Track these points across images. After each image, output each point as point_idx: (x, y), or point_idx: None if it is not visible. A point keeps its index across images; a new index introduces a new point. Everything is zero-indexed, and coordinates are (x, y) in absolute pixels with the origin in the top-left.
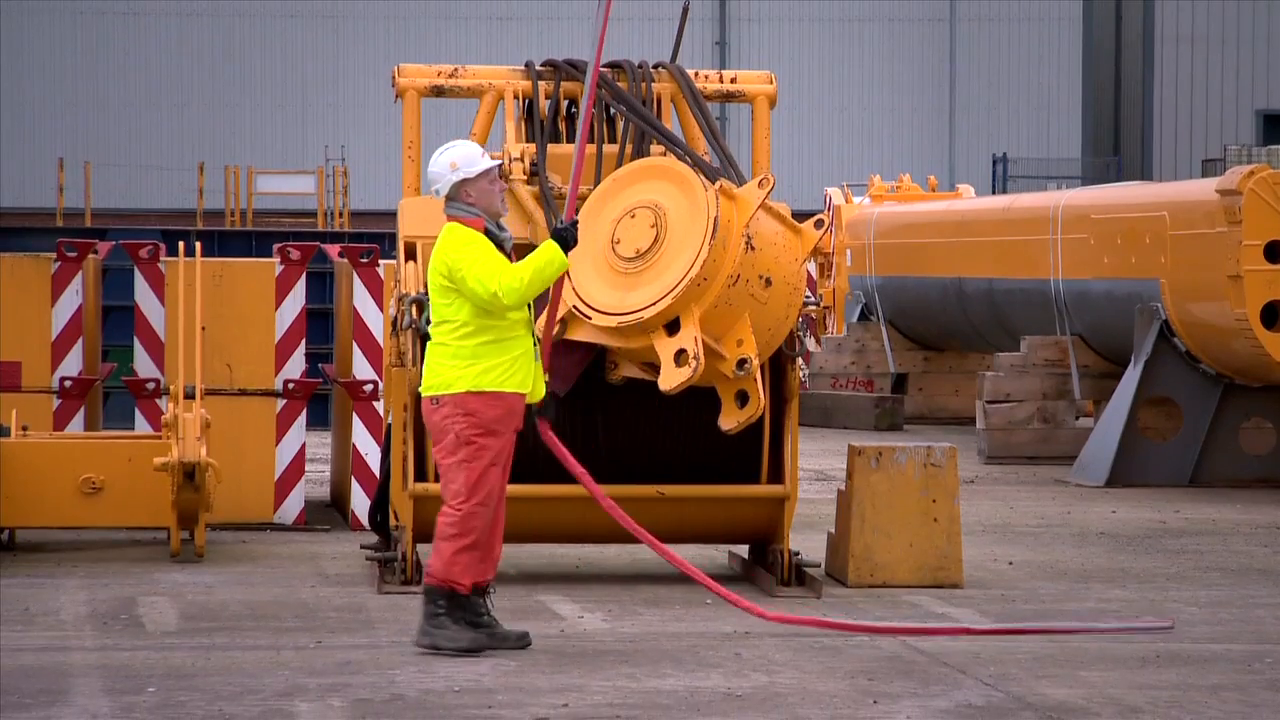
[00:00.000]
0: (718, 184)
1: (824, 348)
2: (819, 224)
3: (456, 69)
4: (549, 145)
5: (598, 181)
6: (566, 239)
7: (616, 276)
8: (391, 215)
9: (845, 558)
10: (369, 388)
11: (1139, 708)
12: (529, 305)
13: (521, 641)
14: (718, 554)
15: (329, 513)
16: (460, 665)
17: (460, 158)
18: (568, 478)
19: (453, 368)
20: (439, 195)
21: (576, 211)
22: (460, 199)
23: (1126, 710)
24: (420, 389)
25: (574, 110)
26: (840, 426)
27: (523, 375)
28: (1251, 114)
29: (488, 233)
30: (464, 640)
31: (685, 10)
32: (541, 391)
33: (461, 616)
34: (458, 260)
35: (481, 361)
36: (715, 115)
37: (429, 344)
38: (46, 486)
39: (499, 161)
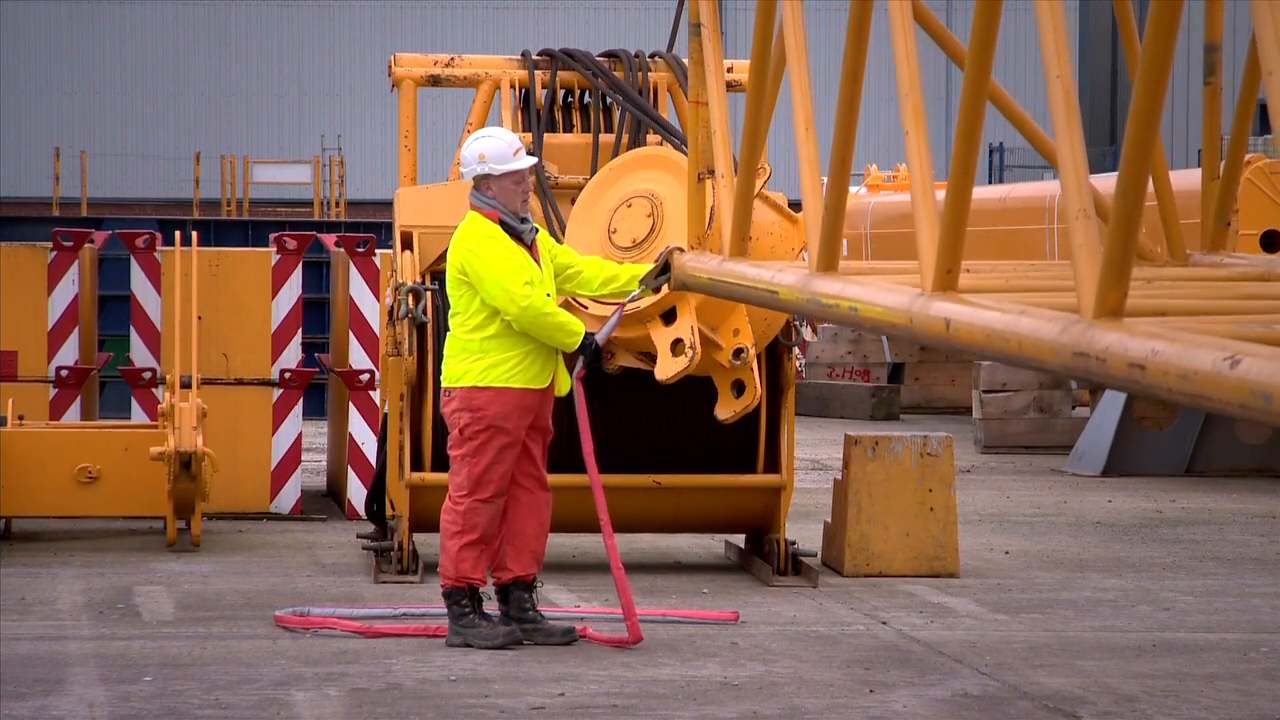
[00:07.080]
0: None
1: (820, 337)
2: None
3: (453, 58)
4: (545, 134)
5: (594, 171)
6: (587, 347)
7: None
8: (388, 205)
9: (841, 547)
10: (365, 377)
11: (1135, 697)
12: None
13: (567, 638)
14: (714, 543)
15: (325, 502)
16: (457, 655)
17: (491, 152)
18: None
19: (463, 361)
20: (465, 179)
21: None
22: (482, 189)
23: (1122, 699)
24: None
25: (570, 100)
26: (836, 416)
27: (535, 371)
28: None
29: (505, 224)
30: (498, 637)
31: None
32: (566, 384)
33: (505, 610)
34: (476, 257)
35: (489, 356)
36: None
37: (448, 335)
38: (43, 476)
39: (532, 161)
